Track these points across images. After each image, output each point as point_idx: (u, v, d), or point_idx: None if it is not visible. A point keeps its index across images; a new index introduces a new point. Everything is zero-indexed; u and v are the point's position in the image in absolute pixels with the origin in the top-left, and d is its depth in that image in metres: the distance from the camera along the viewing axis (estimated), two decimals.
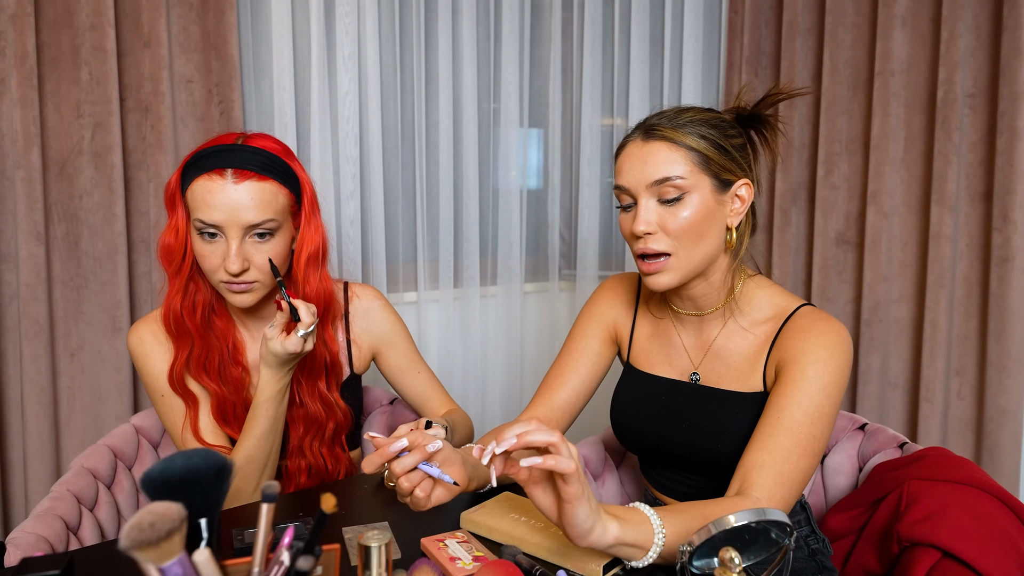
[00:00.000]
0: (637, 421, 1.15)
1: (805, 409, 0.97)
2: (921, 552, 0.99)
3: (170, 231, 1.14)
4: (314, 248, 1.19)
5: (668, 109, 1.06)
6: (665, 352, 1.16)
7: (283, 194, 1.13)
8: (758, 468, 0.94)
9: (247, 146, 1.11)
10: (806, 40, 1.91)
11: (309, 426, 1.24)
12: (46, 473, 1.55)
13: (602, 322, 1.23)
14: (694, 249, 1.01)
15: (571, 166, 2.37)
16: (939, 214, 1.66)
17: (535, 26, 2.24)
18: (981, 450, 1.65)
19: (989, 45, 1.62)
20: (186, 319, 1.17)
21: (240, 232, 1.09)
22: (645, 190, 1.00)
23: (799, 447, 0.95)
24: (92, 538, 1.11)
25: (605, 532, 0.80)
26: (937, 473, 1.08)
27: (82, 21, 1.53)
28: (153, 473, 0.69)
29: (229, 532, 0.95)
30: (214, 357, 1.20)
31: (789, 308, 1.07)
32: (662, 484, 1.18)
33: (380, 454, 0.84)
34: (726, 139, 1.03)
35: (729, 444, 1.04)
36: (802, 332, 1.02)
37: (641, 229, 1.00)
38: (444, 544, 0.90)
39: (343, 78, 1.88)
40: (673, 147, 1.00)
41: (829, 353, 1.00)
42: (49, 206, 1.54)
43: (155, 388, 1.20)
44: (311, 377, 1.24)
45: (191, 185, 1.10)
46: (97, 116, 1.55)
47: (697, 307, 1.11)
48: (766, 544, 0.80)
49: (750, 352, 1.07)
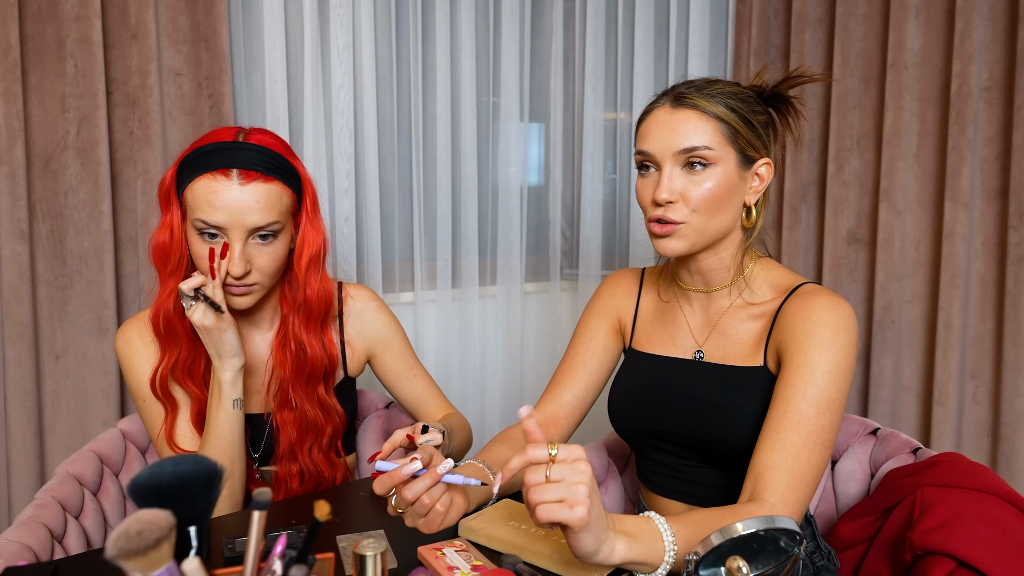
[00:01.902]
0: (636, 401, 1.15)
1: (811, 399, 0.97)
2: (935, 561, 0.98)
3: (164, 230, 1.14)
4: (316, 249, 1.19)
5: (696, 79, 1.07)
6: (668, 332, 1.17)
7: (287, 195, 1.14)
8: (769, 471, 0.94)
9: (251, 144, 1.11)
10: (816, 31, 1.91)
11: (307, 432, 1.24)
12: (30, 479, 1.55)
13: (606, 313, 1.24)
14: (710, 221, 1.03)
15: (573, 162, 2.37)
16: (953, 211, 1.66)
17: (536, 17, 2.24)
18: (997, 456, 1.65)
19: (1005, 37, 1.62)
20: (177, 322, 1.16)
21: (244, 234, 1.09)
22: (671, 158, 1.02)
23: (809, 441, 0.96)
24: (78, 547, 1.11)
25: (612, 552, 0.79)
26: (951, 480, 1.08)
27: (67, 12, 1.53)
28: (141, 479, 0.69)
29: (219, 540, 0.95)
30: (200, 361, 1.19)
31: (791, 285, 1.08)
32: (659, 484, 1.17)
33: (392, 477, 0.85)
34: (753, 115, 1.05)
35: (729, 422, 1.05)
36: (803, 310, 1.02)
37: (663, 197, 1.01)
38: (442, 553, 0.90)
39: (337, 71, 1.88)
40: (703, 116, 1.01)
41: (832, 333, 0.99)
42: (33, 203, 1.54)
43: (138, 392, 1.20)
44: (310, 382, 1.24)
45: (192, 184, 1.09)
46: (83, 110, 1.55)
47: (705, 282, 1.13)
48: (775, 553, 0.80)
49: (755, 329, 1.09)
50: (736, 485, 1.07)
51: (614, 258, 2.36)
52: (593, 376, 1.22)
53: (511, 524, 0.97)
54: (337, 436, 1.30)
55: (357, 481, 1.22)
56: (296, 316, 1.22)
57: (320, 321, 1.24)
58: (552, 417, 1.20)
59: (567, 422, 1.20)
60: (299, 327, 1.22)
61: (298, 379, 1.23)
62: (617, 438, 1.48)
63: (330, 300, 1.24)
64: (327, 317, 1.25)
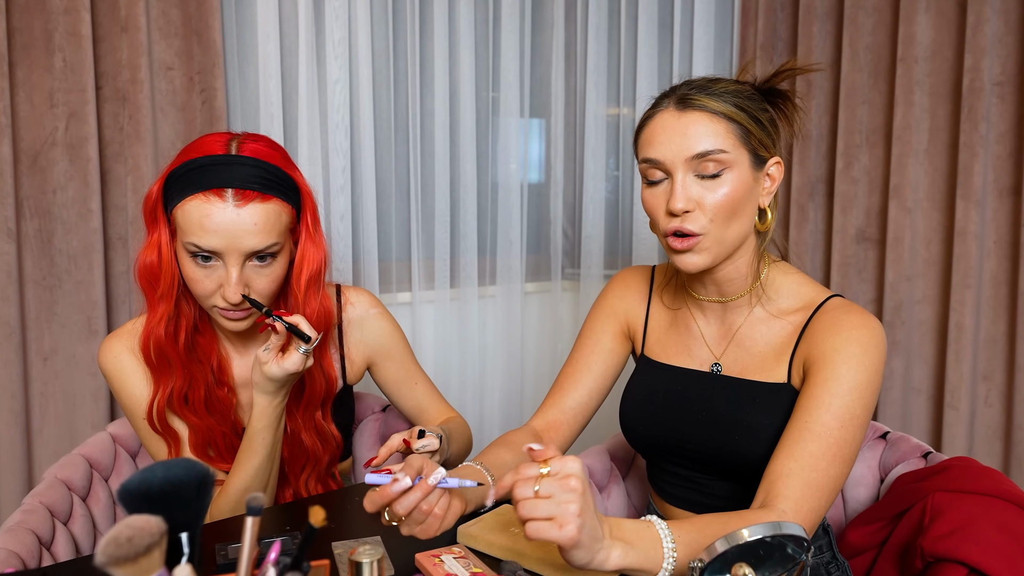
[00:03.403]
0: (651, 415, 1.13)
1: (835, 412, 0.95)
2: (946, 568, 0.99)
3: (151, 250, 1.07)
4: (316, 267, 1.14)
5: (695, 79, 1.04)
6: (684, 342, 1.15)
7: (286, 212, 1.08)
8: (784, 478, 0.93)
9: (246, 158, 1.04)
10: (824, 24, 1.91)
11: (303, 460, 1.21)
12: (17, 485, 1.55)
13: (613, 315, 1.22)
14: (727, 229, 1.00)
15: (575, 159, 2.37)
16: (965, 209, 1.66)
17: (537, 10, 2.24)
18: (1010, 460, 1.65)
19: (1018, 30, 1.62)
20: (169, 349, 1.11)
21: (241, 259, 1.04)
22: (683, 164, 0.98)
23: (829, 453, 0.94)
24: (66, 553, 1.11)
25: (607, 560, 0.78)
26: (963, 485, 1.08)
27: (56, 4, 1.53)
28: (131, 484, 0.69)
29: (212, 547, 0.95)
30: (198, 387, 1.14)
31: (818, 298, 1.06)
32: (671, 494, 1.17)
33: (382, 495, 0.84)
34: (761, 112, 1.02)
35: (750, 438, 1.03)
36: (833, 326, 1.01)
37: (680, 207, 0.97)
38: (440, 560, 0.90)
39: (333, 65, 1.88)
40: (713, 117, 0.98)
41: (862, 350, 0.98)
42: (20, 201, 1.54)
43: (137, 413, 1.15)
44: (308, 408, 1.21)
45: (182, 204, 1.03)
46: (71, 105, 1.55)
47: (721, 293, 1.10)
48: (782, 560, 0.80)
49: (777, 342, 1.06)
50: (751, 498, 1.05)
51: (617, 257, 2.36)
52: (598, 381, 1.20)
53: (511, 530, 0.97)
54: (334, 463, 1.28)
55: (353, 486, 1.22)
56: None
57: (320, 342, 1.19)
58: (555, 422, 1.18)
59: (570, 427, 1.19)
60: None
61: (294, 404, 1.19)
62: (621, 442, 1.48)
63: (329, 319, 1.19)
64: (326, 336, 1.21)
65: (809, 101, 1.92)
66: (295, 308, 1.15)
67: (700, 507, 1.13)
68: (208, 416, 1.15)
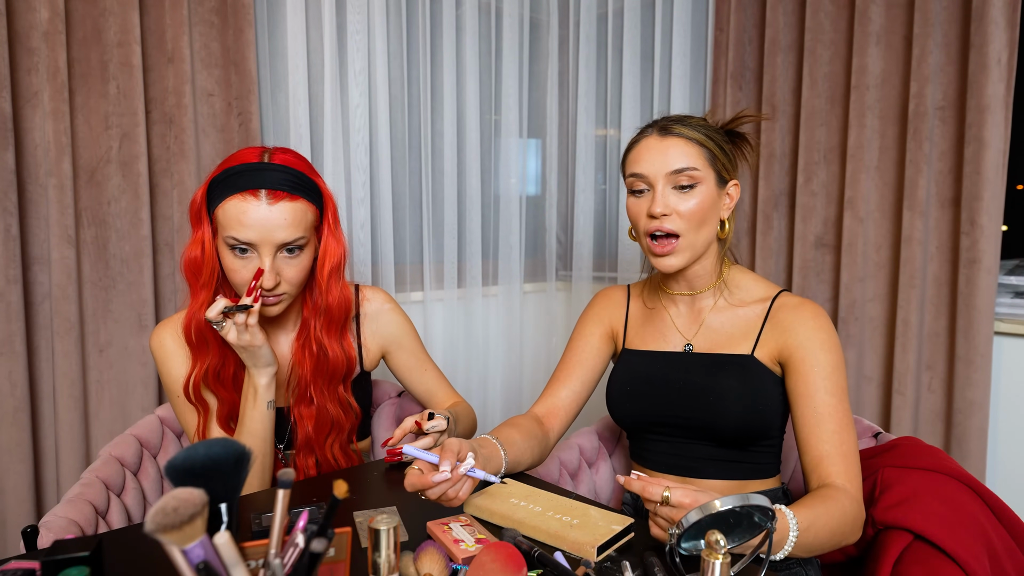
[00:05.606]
0: (634, 393, 1.17)
1: (831, 390, 1.03)
2: (894, 535, 0.99)
3: (195, 245, 1.11)
4: (336, 260, 1.18)
5: (671, 115, 1.15)
6: (659, 331, 1.21)
7: (311, 211, 1.12)
8: (826, 459, 0.99)
9: (276, 164, 1.09)
10: (787, 56, 1.91)
11: (329, 427, 1.23)
12: (76, 461, 1.55)
13: (599, 321, 1.28)
14: (698, 233, 1.10)
15: (567, 174, 2.37)
16: (911, 219, 1.66)
17: (534, 43, 2.24)
18: (950, 439, 1.65)
19: (958, 61, 1.62)
20: (208, 332, 1.14)
21: (273, 250, 1.08)
22: (664, 178, 1.08)
23: (842, 424, 1.01)
24: (120, 522, 1.11)
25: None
26: (909, 461, 1.08)
27: (110, 38, 1.53)
28: (176, 461, 0.69)
29: (247, 516, 0.95)
30: (229, 365, 1.17)
31: (771, 293, 1.15)
32: (654, 461, 1.18)
33: (422, 482, 0.88)
34: (724, 142, 1.13)
35: (723, 402, 1.08)
36: (798, 318, 1.08)
37: (658, 211, 1.07)
38: (449, 527, 0.90)
39: (354, 92, 1.88)
40: (688, 142, 1.09)
41: (827, 335, 1.07)
42: (79, 211, 1.54)
43: (173, 389, 1.19)
44: (331, 382, 1.23)
45: (223, 204, 1.07)
46: (124, 127, 1.55)
47: (690, 287, 1.17)
48: (750, 527, 0.80)
49: (741, 324, 1.14)
50: (728, 457, 1.10)
51: (604, 261, 2.36)
52: (588, 374, 1.26)
53: (511, 502, 0.97)
54: (354, 430, 1.29)
55: (372, 462, 1.22)
56: (317, 320, 1.20)
57: (340, 325, 1.22)
58: (552, 409, 1.23)
59: (566, 414, 1.24)
60: (320, 331, 1.20)
61: (320, 379, 1.21)
62: (607, 423, 1.48)
63: (349, 306, 1.22)
64: (346, 321, 1.24)
65: (774, 123, 1.92)
66: (320, 294, 1.19)
67: (683, 470, 1.14)
68: (234, 392, 1.18)
